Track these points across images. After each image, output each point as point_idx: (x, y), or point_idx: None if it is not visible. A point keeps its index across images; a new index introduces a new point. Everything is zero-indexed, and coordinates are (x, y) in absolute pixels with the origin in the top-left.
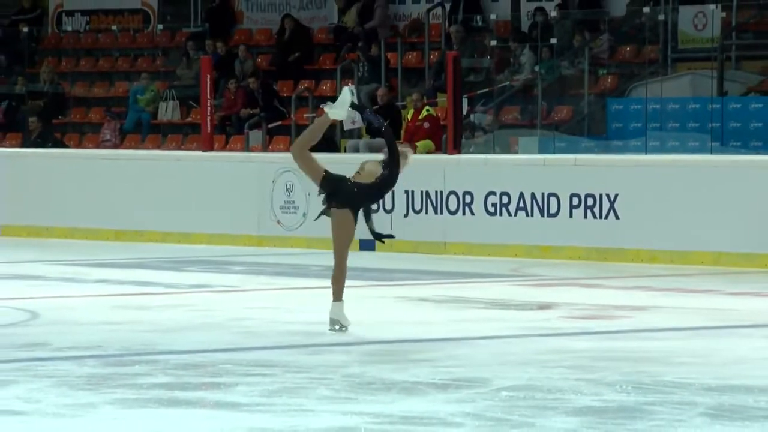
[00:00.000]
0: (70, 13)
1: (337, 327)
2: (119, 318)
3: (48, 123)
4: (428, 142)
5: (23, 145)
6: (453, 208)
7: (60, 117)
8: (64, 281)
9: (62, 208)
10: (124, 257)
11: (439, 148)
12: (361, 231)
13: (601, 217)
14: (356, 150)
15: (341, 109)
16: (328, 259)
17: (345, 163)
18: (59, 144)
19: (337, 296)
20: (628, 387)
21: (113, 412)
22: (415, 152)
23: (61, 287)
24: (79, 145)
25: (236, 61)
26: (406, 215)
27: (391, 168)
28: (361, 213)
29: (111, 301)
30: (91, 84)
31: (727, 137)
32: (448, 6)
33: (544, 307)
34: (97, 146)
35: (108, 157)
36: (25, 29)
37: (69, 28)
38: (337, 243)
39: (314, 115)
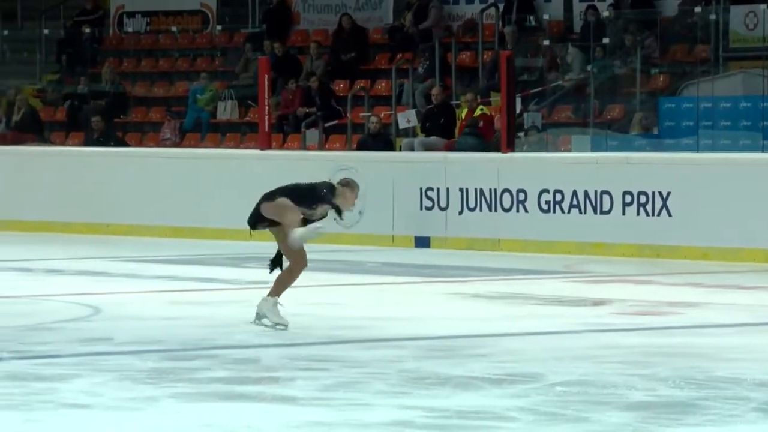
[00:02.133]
0: (131, 15)
1: (266, 323)
2: (179, 313)
3: (110, 122)
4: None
5: (86, 143)
6: (507, 205)
7: (121, 116)
8: (125, 277)
9: (123, 206)
10: (183, 254)
11: (492, 147)
12: (415, 228)
13: (653, 214)
14: (411, 148)
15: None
16: (384, 256)
17: (399, 162)
18: (121, 143)
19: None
20: (680, 382)
21: (174, 405)
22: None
23: (123, 283)
24: (140, 144)
25: (307, 59)
26: (460, 212)
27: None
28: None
29: (171, 296)
30: (152, 84)
31: None
32: (501, 6)
33: (597, 303)
34: (158, 145)
35: (168, 156)
36: (87, 30)
37: (130, 29)
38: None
39: (370, 114)
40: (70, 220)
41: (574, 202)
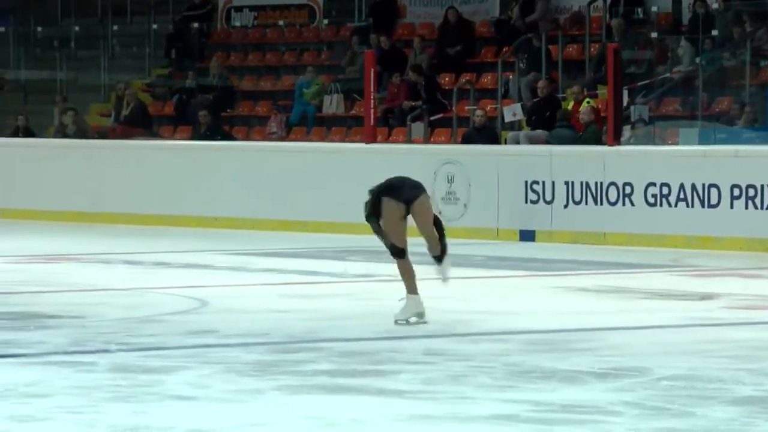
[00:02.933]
0: (239, 9)
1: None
2: (284, 306)
3: (217, 116)
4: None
5: (193, 137)
6: (613, 199)
7: (228, 110)
8: (231, 270)
9: (230, 199)
10: (289, 246)
11: (599, 140)
12: (520, 222)
13: (762, 208)
14: (517, 141)
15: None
16: (489, 250)
17: (504, 155)
18: (228, 136)
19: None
20: None
21: (279, 398)
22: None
23: (229, 276)
24: (246, 138)
25: (413, 53)
26: (566, 206)
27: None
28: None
29: (276, 289)
30: (259, 78)
31: None
32: None
33: (705, 297)
34: (264, 139)
35: (274, 150)
36: (196, 25)
37: (237, 24)
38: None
39: (475, 107)
40: (179, 213)
41: (681, 196)
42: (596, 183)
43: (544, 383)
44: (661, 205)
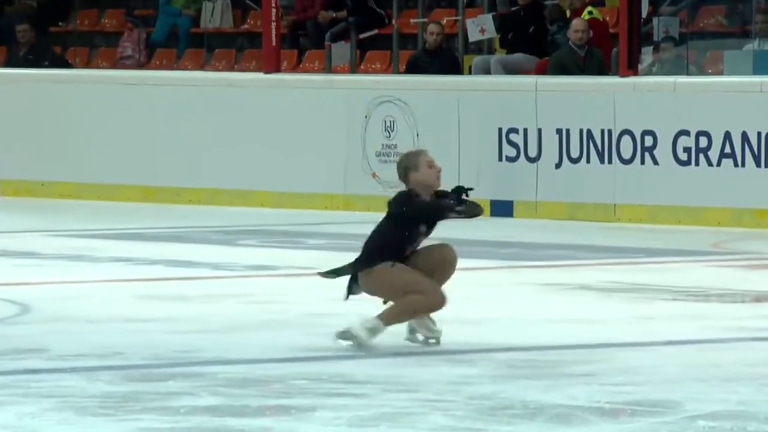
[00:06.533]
0: None
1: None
2: (147, 313)
3: (44, 32)
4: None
5: (8, 63)
6: (626, 155)
7: (60, 23)
8: (67, 260)
9: (64, 155)
10: (153, 226)
11: (607, 68)
12: (491, 188)
13: None
14: (486, 71)
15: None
16: (446, 230)
17: (468, 90)
18: (60, 62)
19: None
20: None
21: None
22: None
23: (64, 269)
24: (87, 65)
25: None
26: (558, 165)
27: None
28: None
29: (135, 288)
30: None
31: None
32: None
33: (759, 298)
34: (114, 66)
35: (129, 82)
36: None
37: None
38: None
39: (425, 20)
40: None
41: (728, 151)
42: (603, 131)
43: (526, 424)
44: (697, 164)
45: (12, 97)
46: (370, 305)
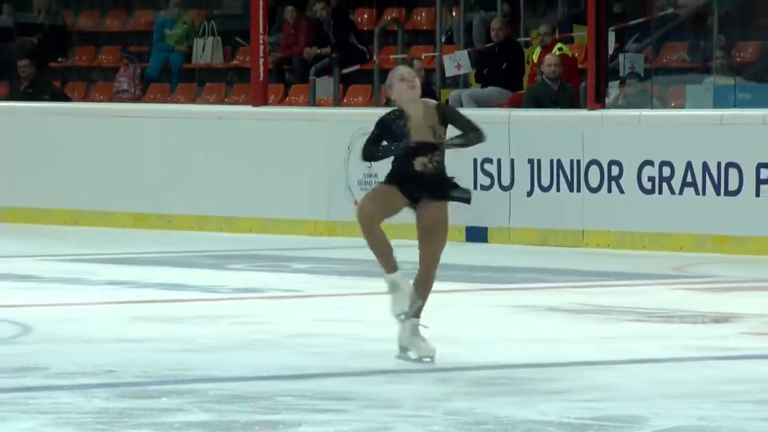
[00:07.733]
0: None
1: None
2: (140, 334)
3: (44, 67)
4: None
5: (10, 96)
6: (594, 184)
7: (60, 59)
8: (64, 283)
9: (61, 184)
10: (145, 251)
11: (576, 101)
12: (467, 216)
13: None
14: (459, 104)
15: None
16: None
17: None
18: (58, 95)
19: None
20: None
21: None
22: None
23: (61, 291)
24: (84, 98)
25: None
26: (530, 194)
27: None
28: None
29: (128, 310)
30: (102, 14)
31: None
32: None
33: (720, 319)
34: (110, 99)
35: (124, 114)
36: None
37: None
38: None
39: (404, 56)
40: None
41: (689, 180)
42: (572, 162)
43: None
44: (660, 192)
45: (13, 129)
46: (360, 326)
